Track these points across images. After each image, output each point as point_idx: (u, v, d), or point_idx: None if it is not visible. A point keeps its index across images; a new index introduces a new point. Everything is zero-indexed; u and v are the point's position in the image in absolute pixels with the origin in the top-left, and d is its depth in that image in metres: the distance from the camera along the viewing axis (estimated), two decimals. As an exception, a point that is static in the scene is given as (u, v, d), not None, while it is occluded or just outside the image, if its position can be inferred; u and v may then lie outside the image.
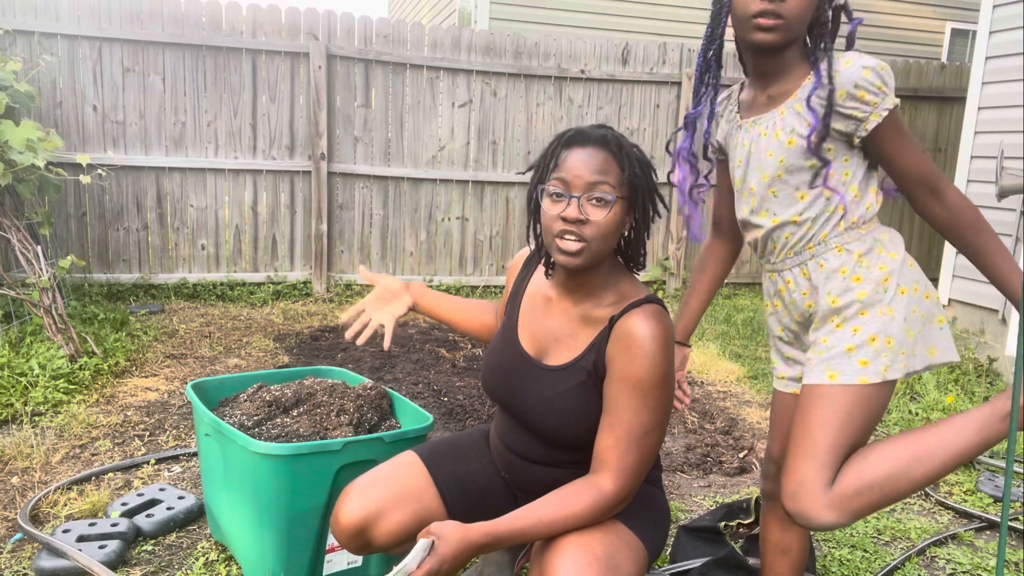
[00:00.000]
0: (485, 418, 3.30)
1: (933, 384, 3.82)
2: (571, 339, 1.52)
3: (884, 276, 1.43)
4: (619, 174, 1.40)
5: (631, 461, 1.40)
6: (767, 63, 1.49)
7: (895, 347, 1.39)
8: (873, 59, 1.40)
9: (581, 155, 1.40)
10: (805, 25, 1.44)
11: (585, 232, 1.39)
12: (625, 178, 1.40)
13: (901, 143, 1.42)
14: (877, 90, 1.38)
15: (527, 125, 5.94)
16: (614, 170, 1.40)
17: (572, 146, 1.42)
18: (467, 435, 1.78)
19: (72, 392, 3.29)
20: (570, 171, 1.40)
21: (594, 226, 1.39)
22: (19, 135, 3.65)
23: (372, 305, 1.78)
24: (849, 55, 1.41)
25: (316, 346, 4.31)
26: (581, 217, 1.38)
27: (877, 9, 9.04)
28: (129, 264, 5.21)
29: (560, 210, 1.40)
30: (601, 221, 1.39)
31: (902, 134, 1.42)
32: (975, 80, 4.64)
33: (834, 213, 1.47)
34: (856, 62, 1.39)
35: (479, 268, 6.04)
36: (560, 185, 1.41)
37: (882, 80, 1.38)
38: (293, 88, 5.36)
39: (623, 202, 1.41)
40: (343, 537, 1.54)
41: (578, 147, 1.42)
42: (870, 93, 1.38)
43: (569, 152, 1.42)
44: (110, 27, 4.91)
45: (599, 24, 8.09)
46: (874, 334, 1.39)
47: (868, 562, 2.26)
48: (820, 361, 1.42)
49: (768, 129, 1.50)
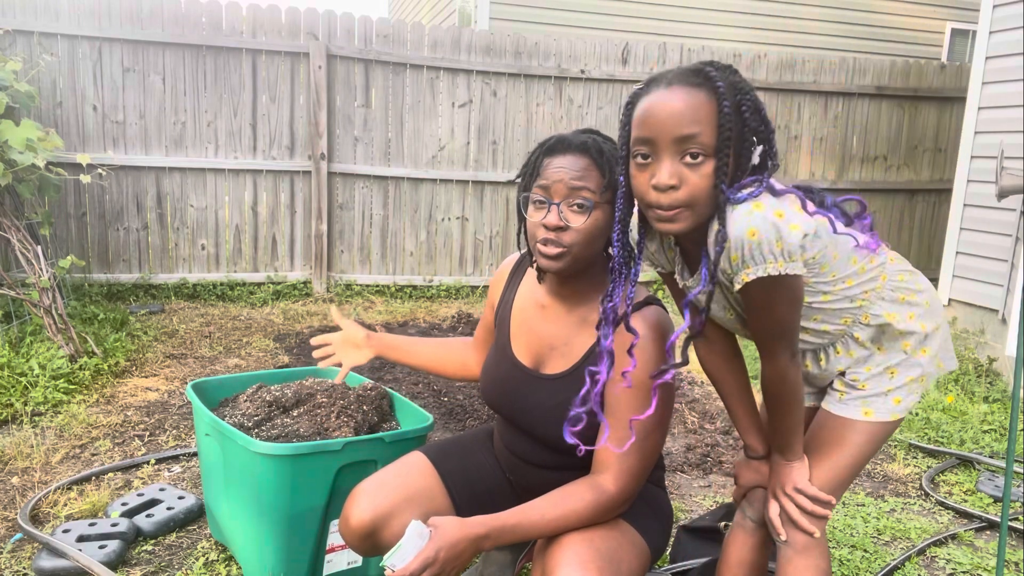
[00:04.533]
0: (485, 418, 3.30)
1: (933, 384, 3.82)
2: (567, 346, 1.51)
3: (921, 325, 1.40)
4: (600, 180, 1.40)
5: (633, 463, 1.41)
6: (686, 238, 1.30)
7: (926, 381, 1.43)
8: (742, 223, 1.15)
9: (561, 162, 1.41)
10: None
11: (565, 238, 1.39)
12: (606, 183, 1.40)
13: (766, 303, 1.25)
14: (756, 256, 1.17)
15: (527, 125, 5.94)
16: (594, 176, 1.40)
17: (553, 153, 1.43)
18: (473, 435, 1.78)
19: (72, 392, 3.29)
20: (550, 178, 1.41)
21: (574, 232, 1.39)
22: (19, 135, 3.65)
23: (336, 342, 1.85)
24: (749, 205, 1.16)
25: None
26: (561, 224, 1.39)
27: (877, 9, 9.04)
28: (129, 264, 5.21)
29: (541, 217, 1.41)
30: (581, 227, 1.39)
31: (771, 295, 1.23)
32: (975, 80, 4.64)
33: (856, 319, 1.39)
34: (743, 221, 1.15)
35: (479, 268, 6.04)
36: (542, 192, 1.42)
37: (768, 246, 1.15)
38: (293, 88, 5.36)
39: (605, 207, 1.42)
40: (353, 539, 1.53)
41: (559, 154, 1.43)
42: (745, 256, 1.17)
43: (551, 159, 1.43)
44: (110, 27, 4.90)
45: (599, 24, 8.08)
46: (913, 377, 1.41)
47: (868, 562, 2.26)
48: (856, 397, 1.42)
49: None
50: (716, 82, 1.16)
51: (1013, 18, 4.36)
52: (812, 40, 8.76)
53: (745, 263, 1.17)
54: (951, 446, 3.19)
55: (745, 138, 1.18)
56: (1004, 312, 4.27)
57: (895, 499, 2.73)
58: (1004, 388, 3.94)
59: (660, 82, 1.20)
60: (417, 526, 1.29)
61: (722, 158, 1.15)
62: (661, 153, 1.17)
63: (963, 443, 3.22)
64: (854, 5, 8.94)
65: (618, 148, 1.28)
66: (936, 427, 3.36)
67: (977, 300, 4.54)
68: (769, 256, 1.15)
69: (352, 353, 1.84)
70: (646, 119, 1.18)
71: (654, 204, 1.19)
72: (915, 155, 6.82)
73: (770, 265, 1.16)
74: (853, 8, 8.94)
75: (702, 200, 1.17)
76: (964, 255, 4.69)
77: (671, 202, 1.17)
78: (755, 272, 1.17)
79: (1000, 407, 3.63)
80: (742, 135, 1.17)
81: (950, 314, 4.79)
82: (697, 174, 1.15)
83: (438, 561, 1.27)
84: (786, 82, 6.37)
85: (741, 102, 1.17)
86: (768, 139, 1.20)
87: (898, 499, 2.73)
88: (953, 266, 4.75)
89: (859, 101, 6.59)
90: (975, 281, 4.57)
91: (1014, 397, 1.31)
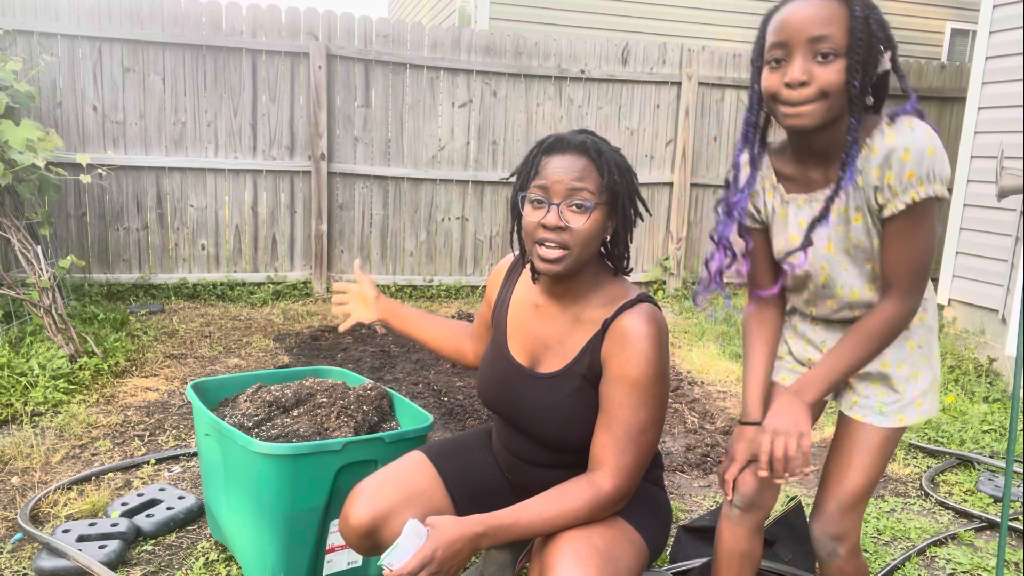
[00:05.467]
0: (485, 418, 3.30)
1: (933, 384, 3.82)
2: (561, 345, 1.52)
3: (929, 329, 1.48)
4: (598, 180, 1.40)
5: (629, 460, 1.41)
6: (814, 142, 1.35)
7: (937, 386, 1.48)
8: (921, 135, 1.24)
9: (561, 162, 1.41)
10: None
11: (565, 239, 1.39)
12: (605, 184, 1.41)
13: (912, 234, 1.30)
14: (907, 178, 1.25)
15: (527, 125, 5.94)
16: (593, 176, 1.40)
17: (552, 153, 1.43)
18: (472, 435, 1.79)
19: (72, 392, 3.29)
20: (550, 178, 1.40)
21: (574, 232, 1.39)
22: (19, 135, 3.65)
23: (352, 292, 1.88)
24: (896, 128, 1.26)
25: (316, 346, 4.31)
26: (561, 224, 1.39)
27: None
28: (129, 264, 5.21)
29: (540, 217, 1.41)
30: (581, 228, 1.39)
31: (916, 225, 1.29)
32: (975, 80, 4.64)
33: None
34: (898, 141, 1.25)
35: (479, 268, 6.04)
36: (540, 192, 1.41)
37: (940, 166, 1.24)
38: (293, 88, 5.36)
39: (603, 207, 1.42)
40: (353, 538, 1.53)
41: (558, 154, 1.42)
42: (898, 178, 1.26)
43: (549, 159, 1.43)
44: (110, 27, 4.90)
45: (599, 24, 8.08)
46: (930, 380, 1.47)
47: (868, 562, 2.26)
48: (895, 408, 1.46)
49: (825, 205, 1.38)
50: None
51: (1013, 18, 4.36)
52: (812, 40, 8.75)
53: (920, 180, 1.22)
54: (951, 446, 3.19)
55: (872, 45, 1.24)
56: (1004, 312, 4.27)
57: (895, 499, 2.73)
58: (1004, 388, 3.94)
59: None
60: (414, 525, 1.29)
61: (853, 59, 1.22)
62: (794, 53, 1.23)
63: (963, 443, 3.22)
64: (854, 5, 8.93)
65: (751, 60, 1.36)
66: (936, 427, 3.36)
67: (977, 300, 4.54)
68: (939, 178, 1.22)
69: (360, 309, 1.87)
70: (782, 24, 1.25)
71: (785, 100, 1.25)
72: (915, 155, 6.82)
73: (938, 186, 1.22)
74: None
75: (833, 93, 1.23)
76: (964, 255, 4.69)
77: (802, 97, 1.23)
78: (927, 191, 1.22)
79: (1000, 407, 3.63)
80: (870, 42, 1.23)
81: (950, 314, 4.79)
82: (829, 70, 1.22)
83: (435, 560, 1.27)
84: (786, 82, 6.36)
85: (869, 14, 1.24)
86: (894, 48, 1.28)
87: (898, 499, 2.73)
88: (953, 266, 4.75)
89: (859, 101, 6.59)
90: (975, 281, 4.57)
91: (1014, 397, 1.31)
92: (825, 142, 1.32)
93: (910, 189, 1.24)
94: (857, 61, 1.22)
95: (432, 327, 1.87)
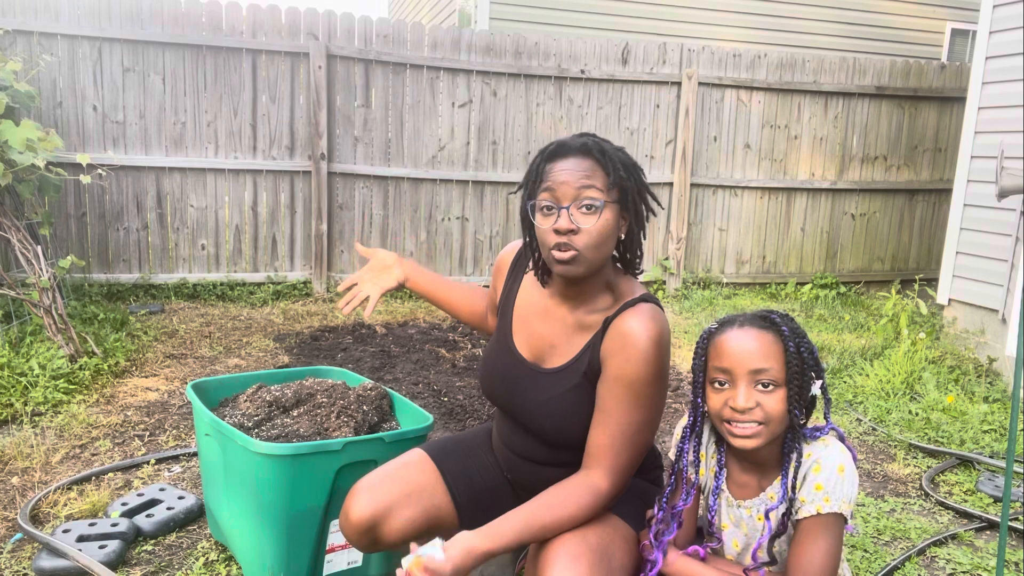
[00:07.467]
0: (485, 418, 3.30)
1: (933, 384, 3.82)
2: (567, 345, 1.52)
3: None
4: (605, 179, 1.40)
5: (624, 460, 1.42)
6: (751, 455, 1.42)
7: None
8: (835, 453, 1.35)
9: (565, 165, 1.41)
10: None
11: (577, 242, 1.39)
12: (612, 182, 1.40)
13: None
14: (815, 490, 1.34)
15: (527, 125, 5.94)
16: (599, 175, 1.40)
17: (555, 158, 1.43)
18: (473, 433, 1.79)
19: (72, 392, 3.29)
20: (556, 182, 1.40)
21: (586, 234, 1.39)
22: (19, 135, 3.65)
23: (364, 277, 1.84)
24: (812, 445, 1.37)
25: (316, 346, 4.31)
26: (573, 227, 1.38)
27: (877, 9, 9.05)
28: (129, 264, 5.21)
29: (552, 223, 1.40)
30: (592, 228, 1.39)
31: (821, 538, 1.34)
32: (975, 80, 4.64)
33: None
34: (813, 455, 1.36)
35: (479, 268, 6.04)
36: (549, 197, 1.41)
37: (849, 486, 1.33)
38: (293, 88, 5.36)
39: (613, 206, 1.42)
40: (353, 534, 1.54)
41: (561, 158, 1.42)
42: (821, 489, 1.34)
43: (553, 165, 1.42)
44: (110, 27, 4.90)
45: (599, 24, 8.09)
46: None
47: (868, 562, 2.26)
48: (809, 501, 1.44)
49: (756, 513, 1.44)
50: (781, 327, 1.36)
51: (1013, 18, 4.36)
52: (812, 40, 8.76)
53: (827, 496, 1.32)
54: (951, 446, 3.19)
55: (805, 373, 1.36)
56: (1004, 312, 4.27)
57: (895, 499, 2.73)
58: (1004, 388, 3.94)
59: (733, 323, 1.39)
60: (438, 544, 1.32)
61: (792, 388, 1.35)
62: (738, 382, 1.35)
63: (963, 443, 3.22)
64: (854, 5, 8.94)
65: (692, 369, 1.44)
66: (936, 427, 3.36)
67: (977, 300, 4.54)
68: (845, 497, 1.32)
69: (382, 276, 1.83)
70: (726, 353, 1.36)
71: (732, 421, 1.36)
72: (915, 155, 6.82)
73: (844, 504, 1.32)
74: (853, 8, 8.94)
75: (776, 420, 1.35)
76: (964, 255, 4.69)
77: (748, 422, 1.34)
78: (830, 507, 1.32)
79: (1000, 407, 3.63)
80: (803, 370, 1.35)
81: (950, 314, 4.79)
82: (771, 399, 1.34)
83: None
84: (786, 82, 6.37)
85: (800, 344, 1.36)
86: (822, 375, 1.39)
87: (898, 499, 2.73)
88: (953, 266, 4.75)
89: (859, 101, 6.60)
90: (975, 281, 4.57)
91: (1014, 397, 1.31)
92: (762, 457, 1.42)
93: (816, 501, 1.33)
94: (795, 390, 1.34)
95: (452, 291, 1.88)
